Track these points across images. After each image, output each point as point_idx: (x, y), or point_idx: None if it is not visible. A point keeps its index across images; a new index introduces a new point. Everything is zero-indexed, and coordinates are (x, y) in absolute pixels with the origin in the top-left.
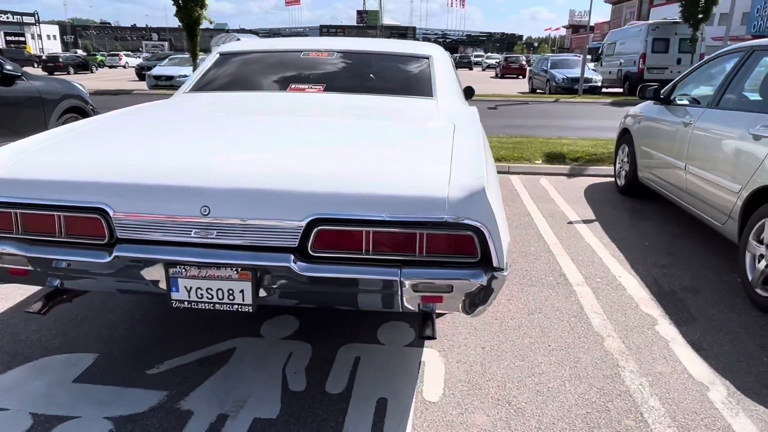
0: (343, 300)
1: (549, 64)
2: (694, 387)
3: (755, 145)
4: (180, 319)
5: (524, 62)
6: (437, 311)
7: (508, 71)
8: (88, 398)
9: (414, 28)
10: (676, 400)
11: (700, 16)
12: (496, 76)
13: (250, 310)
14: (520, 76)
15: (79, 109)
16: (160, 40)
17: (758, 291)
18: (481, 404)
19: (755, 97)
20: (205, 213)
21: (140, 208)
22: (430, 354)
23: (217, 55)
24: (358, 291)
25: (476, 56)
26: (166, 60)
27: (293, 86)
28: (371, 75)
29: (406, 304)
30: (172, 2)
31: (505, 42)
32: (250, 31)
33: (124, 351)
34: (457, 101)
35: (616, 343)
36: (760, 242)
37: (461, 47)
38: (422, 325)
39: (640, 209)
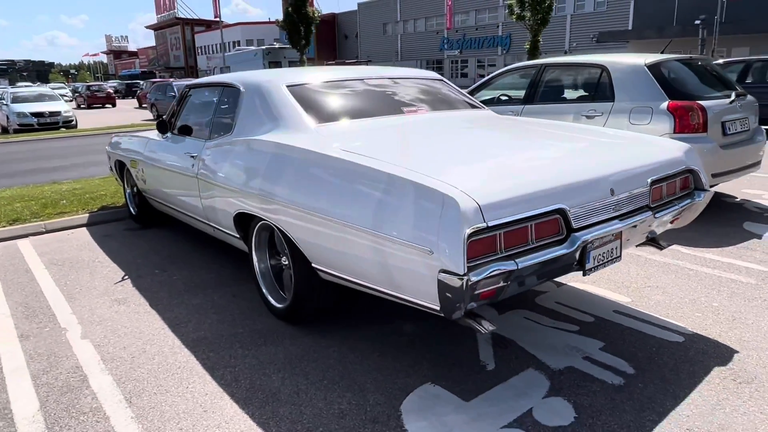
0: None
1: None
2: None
3: (590, 124)
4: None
5: (111, 90)
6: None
7: (95, 101)
8: (502, 399)
9: None
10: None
11: (303, 42)
12: (79, 107)
13: (620, 261)
14: (108, 105)
15: None
16: None
17: None
18: (647, 293)
19: (564, 94)
20: (612, 194)
21: (581, 201)
22: (582, 285)
23: (285, 87)
24: (664, 223)
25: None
26: None
27: (407, 109)
28: (438, 96)
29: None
30: None
31: (34, 71)
32: None
33: (432, 371)
34: None
35: None
36: None
37: None
38: (656, 243)
39: None
